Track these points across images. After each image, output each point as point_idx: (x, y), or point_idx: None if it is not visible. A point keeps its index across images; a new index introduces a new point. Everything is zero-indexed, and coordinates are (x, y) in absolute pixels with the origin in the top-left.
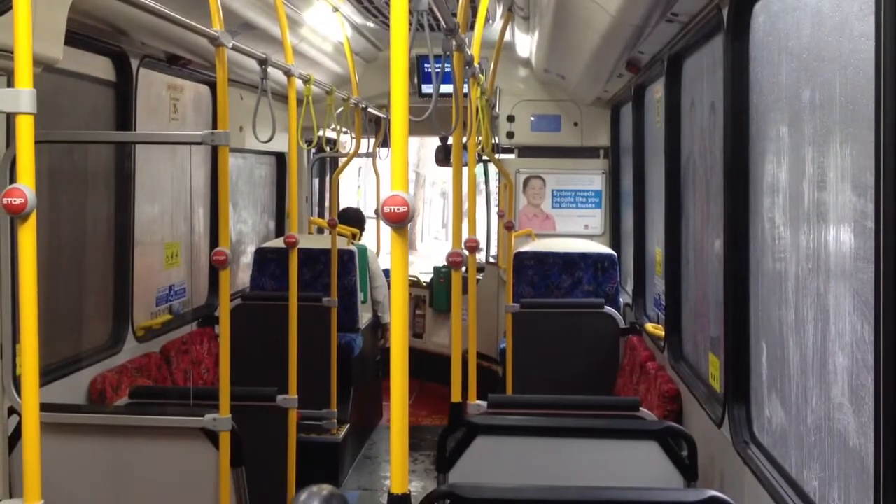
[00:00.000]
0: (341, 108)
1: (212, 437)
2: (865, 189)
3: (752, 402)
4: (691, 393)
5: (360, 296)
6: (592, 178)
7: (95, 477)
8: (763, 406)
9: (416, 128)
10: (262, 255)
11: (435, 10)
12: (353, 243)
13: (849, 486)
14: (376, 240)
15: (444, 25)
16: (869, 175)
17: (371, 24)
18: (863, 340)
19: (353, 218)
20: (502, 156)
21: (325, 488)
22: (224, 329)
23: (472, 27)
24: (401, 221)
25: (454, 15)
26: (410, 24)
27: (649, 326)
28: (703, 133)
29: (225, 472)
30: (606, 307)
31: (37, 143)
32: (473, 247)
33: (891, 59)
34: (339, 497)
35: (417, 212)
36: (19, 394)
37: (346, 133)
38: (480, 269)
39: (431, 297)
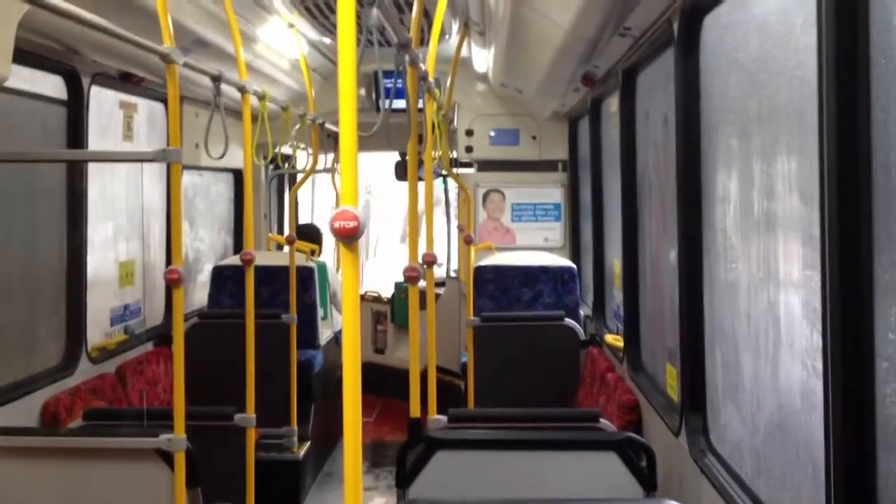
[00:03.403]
0: (298, 125)
1: (167, 457)
2: (811, 198)
3: (709, 411)
4: (650, 403)
5: (321, 312)
6: (551, 192)
7: (49, 500)
8: (719, 415)
9: (370, 143)
10: (219, 273)
11: (386, 25)
12: (312, 260)
13: (801, 493)
14: (336, 256)
15: (396, 40)
16: (814, 184)
17: (327, 41)
18: (812, 347)
19: (312, 234)
20: (462, 170)
21: None
22: (178, 347)
23: (427, 42)
24: (351, 236)
25: (408, 30)
26: (359, 39)
27: (609, 338)
28: (657, 145)
29: (180, 493)
30: (566, 319)
31: None
32: (431, 261)
33: (833, 71)
34: None
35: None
36: None
37: (303, 149)
38: (440, 284)
39: (393, 313)
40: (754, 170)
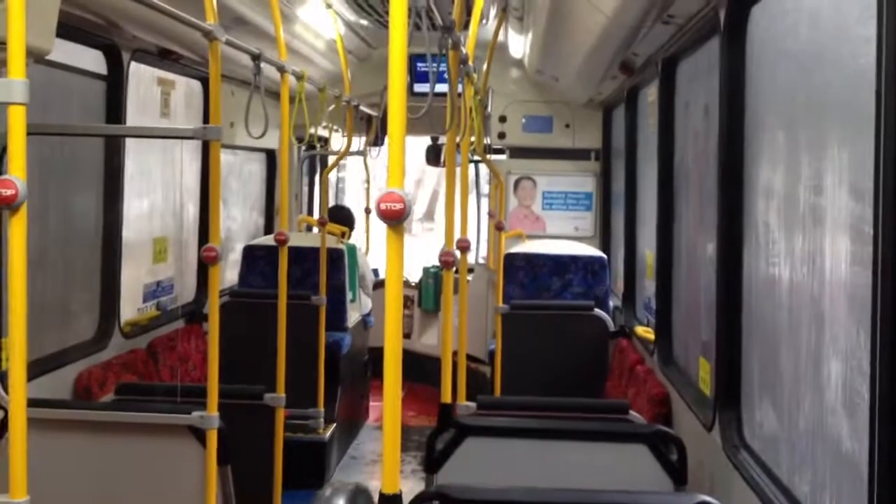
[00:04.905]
0: (333, 106)
1: (199, 434)
2: (863, 194)
3: (743, 407)
4: (681, 396)
5: (349, 295)
6: (583, 180)
7: (81, 473)
8: (754, 410)
9: (412, 127)
10: (250, 253)
11: (433, 7)
12: (342, 242)
13: (841, 492)
14: (365, 239)
15: (441, 23)
16: (867, 180)
17: (364, 22)
18: (858, 346)
19: (343, 217)
20: (493, 156)
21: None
22: (213, 326)
23: (466, 26)
24: (397, 219)
25: (450, 13)
26: (408, 21)
27: (639, 329)
28: (696, 136)
29: (212, 470)
30: (596, 310)
31: (28, 134)
32: (465, 247)
33: (893, 63)
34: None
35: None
36: (5, 389)
37: (337, 131)
38: (470, 270)
39: (420, 298)
40: (801, 163)
